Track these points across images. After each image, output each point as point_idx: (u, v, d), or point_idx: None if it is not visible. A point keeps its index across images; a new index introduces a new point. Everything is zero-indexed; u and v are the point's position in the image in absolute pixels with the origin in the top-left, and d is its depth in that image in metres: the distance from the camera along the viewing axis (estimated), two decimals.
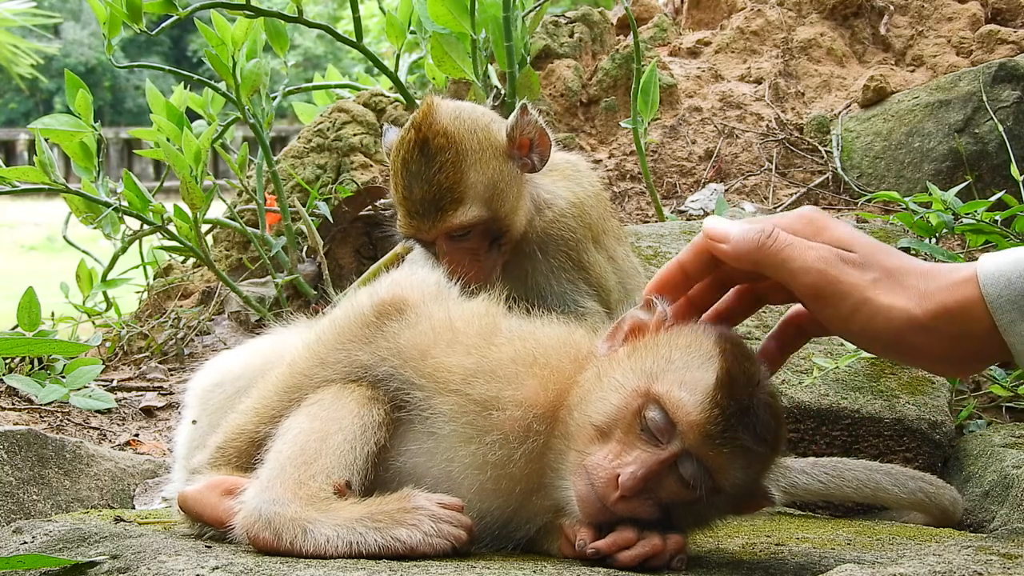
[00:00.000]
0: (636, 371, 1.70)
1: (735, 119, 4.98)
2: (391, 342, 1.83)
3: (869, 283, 1.64)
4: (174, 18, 3.79)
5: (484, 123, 2.24)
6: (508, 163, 2.23)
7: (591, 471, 1.66)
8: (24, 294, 3.54)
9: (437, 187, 2.17)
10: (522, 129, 2.22)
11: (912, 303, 1.62)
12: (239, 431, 1.90)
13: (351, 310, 1.91)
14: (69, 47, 29.03)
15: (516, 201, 2.24)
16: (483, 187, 2.19)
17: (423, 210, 2.19)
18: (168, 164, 3.65)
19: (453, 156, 2.17)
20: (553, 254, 2.29)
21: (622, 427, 1.67)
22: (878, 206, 4.28)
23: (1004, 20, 5.22)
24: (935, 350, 1.64)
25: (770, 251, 1.68)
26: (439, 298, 1.89)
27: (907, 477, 2.45)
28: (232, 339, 4.10)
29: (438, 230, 2.21)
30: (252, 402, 1.92)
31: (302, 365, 1.89)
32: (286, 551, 1.66)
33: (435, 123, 2.19)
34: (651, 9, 5.81)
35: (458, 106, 2.27)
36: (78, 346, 2.67)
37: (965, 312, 1.60)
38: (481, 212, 2.19)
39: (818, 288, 1.66)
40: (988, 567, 1.52)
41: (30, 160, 3.73)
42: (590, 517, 1.68)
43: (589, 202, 2.36)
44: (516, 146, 2.24)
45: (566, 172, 2.39)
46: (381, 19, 5.58)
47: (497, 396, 1.73)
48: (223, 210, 4.63)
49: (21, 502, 2.48)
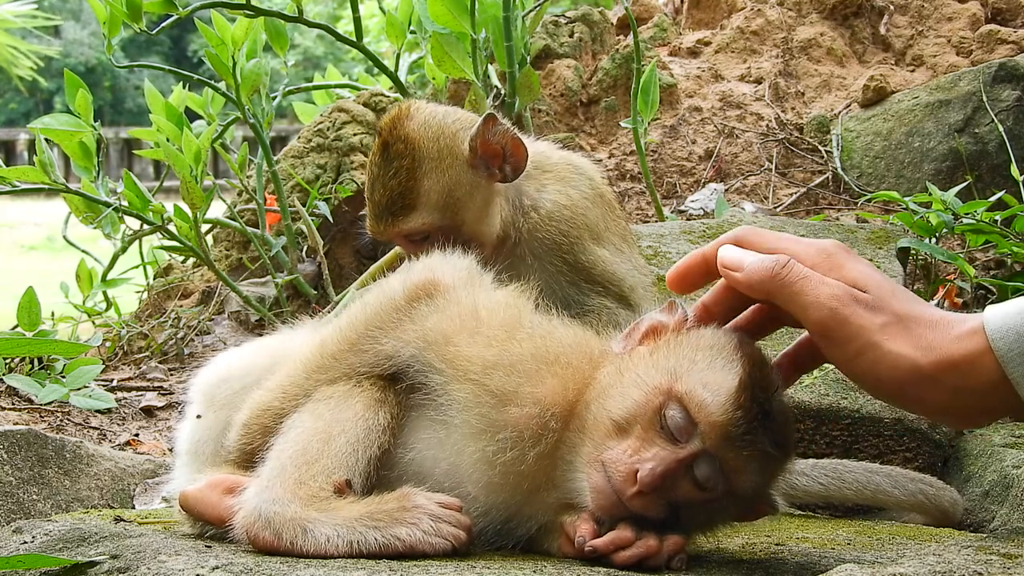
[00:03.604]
0: (658, 369, 1.70)
1: (735, 119, 4.98)
2: (418, 324, 1.83)
3: (878, 327, 1.64)
4: (174, 18, 3.79)
5: (452, 131, 2.25)
6: (470, 171, 2.23)
7: (609, 465, 1.66)
8: (24, 294, 3.53)
9: (391, 191, 2.21)
10: (485, 139, 2.22)
11: (918, 353, 1.62)
12: (265, 408, 1.90)
13: (382, 294, 1.91)
14: (69, 47, 29.03)
15: (481, 211, 2.24)
16: (437, 195, 2.21)
17: (379, 212, 2.24)
18: (168, 164, 3.65)
19: (409, 163, 2.21)
20: (548, 258, 2.28)
21: (642, 423, 1.67)
22: (878, 206, 4.28)
23: (1004, 20, 5.22)
24: (938, 401, 1.64)
25: (784, 282, 1.68)
26: (470, 284, 1.89)
27: (907, 479, 2.45)
28: (232, 339, 4.10)
29: (390, 233, 2.25)
30: (279, 380, 1.92)
31: (332, 347, 1.89)
32: (286, 551, 1.66)
33: (398, 128, 2.23)
34: (651, 9, 5.81)
35: (433, 113, 2.28)
36: (78, 346, 2.67)
37: (969, 364, 1.60)
38: (433, 219, 2.22)
39: (827, 327, 1.66)
40: (988, 567, 1.52)
41: (30, 160, 3.73)
42: (602, 510, 1.68)
43: (584, 204, 2.33)
44: (479, 156, 2.23)
45: (562, 174, 2.37)
46: (381, 19, 5.58)
47: (515, 391, 1.73)
48: (223, 210, 4.63)
49: (21, 502, 2.48)
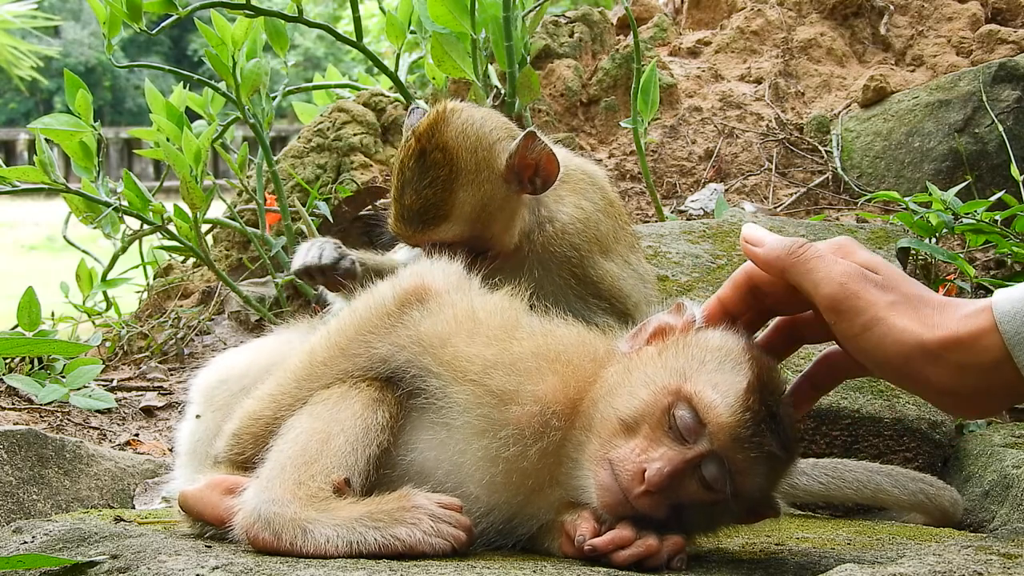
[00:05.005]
0: (667, 369, 1.71)
1: (735, 119, 4.98)
2: (411, 330, 1.83)
3: (886, 303, 1.67)
4: (174, 17, 3.79)
5: (489, 142, 2.20)
6: (503, 185, 2.20)
7: (616, 463, 1.67)
8: (24, 294, 3.54)
9: (425, 200, 2.16)
10: (523, 156, 2.18)
11: (924, 329, 1.64)
12: (256, 417, 1.90)
13: (373, 301, 1.90)
14: (69, 47, 29.02)
15: (507, 222, 2.22)
16: (471, 207, 2.17)
17: (409, 217, 2.19)
18: (168, 164, 3.65)
19: (446, 173, 2.15)
20: (557, 271, 2.26)
21: (650, 423, 1.67)
22: (878, 206, 4.28)
23: (1004, 20, 5.22)
24: (941, 380, 1.65)
25: (799, 259, 1.73)
26: (462, 288, 1.89)
27: (907, 478, 2.45)
28: (232, 339, 4.10)
29: (417, 239, 2.22)
30: (269, 388, 1.92)
31: (322, 354, 1.89)
32: (286, 551, 1.66)
33: (437, 136, 2.17)
34: (651, 9, 5.81)
35: (470, 119, 2.22)
36: (78, 346, 2.67)
37: (974, 341, 1.62)
38: (464, 231, 2.18)
39: (837, 300, 1.69)
40: (988, 567, 1.52)
41: (30, 160, 3.73)
42: (608, 508, 1.68)
43: (597, 216, 2.32)
44: (515, 171, 2.20)
45: (578, 186, 2.35)
46: (381, 19, 5.58)
47: (516, 390, 1.74)
48: (223, 210, 4.63)
49: (21, 502, 2.48)
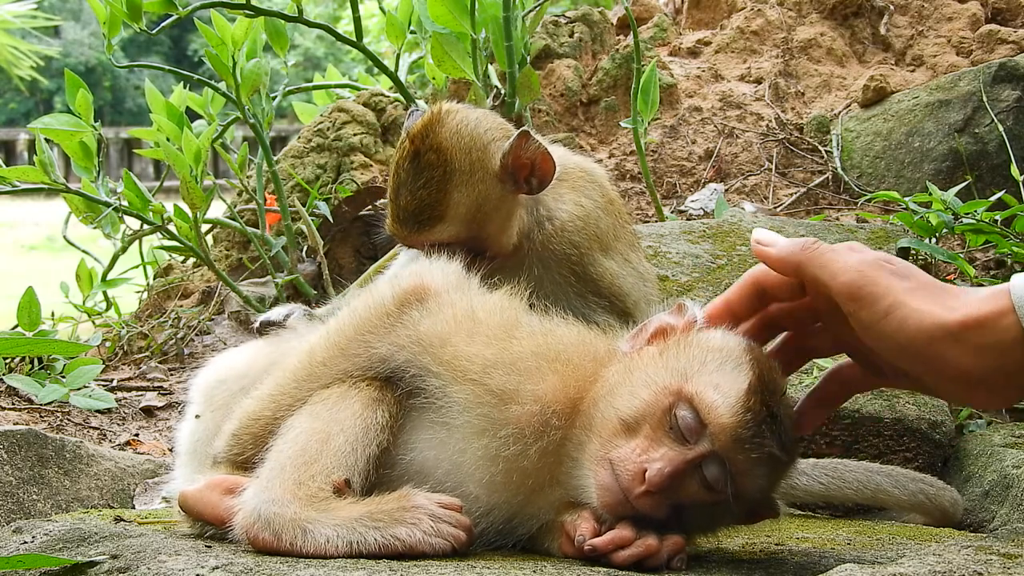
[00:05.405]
0: (668, 369, 1.71)
1: (735, 119, 4.98)
2: (411, 329, 1.83)
3: (905, 289, 1.67)
4: (174, 17, 3.79)
5: (484, 143, 2.20)
6: (499, 186, 2.19)
7: (617, 463, 1.67)
8: (24, 294, 3.54)
9: (420, 201, 2.16)
10: (517, 156, 2.18)
11: (944, 311, 1.65)
12: (255, 417, 1.89)
13: (372, 300, 1.90)
14: (69, 47, 29.02)
15: (504, 222, 2.21)
16: (466, 208, 2.17)
17: (404, 218, 2.19)
18: (168, 164, 3.65)
19: (440, 174, 2.16)
20: (557, 269, 2.26)
21: (650, 423, 1.67)
22: (878, 206, 4.28)
23: (1004, 20, 5.22)
24: (961, 362, 1.64)
25: (813, 253, 1.74)
26: (461, 287, 1.89)
27: (907, 479, 2.45)
28: (232, 339, 4.10)
29: (413, 240, 2.22)
30: (268, 389, 1.92)
31: (321, 354, 1.89)
32: (286, 551, 1.66)
33: (431, 137, 2.18)
34: (651, 9, 5.81)
35: (464, 120, 2.22)
36: (78, 346, 2.67)
37: (994, 321, 1.62)
38: (460, 231, 2.18)
39: (857, 287, 1.69)
40: (988, 567, 1.52)
41: (30, 160, 3.73)
42: (608, 508, 1.68)
43: (597, 213, 2.32)
44: (510, 171, 2.20)
45: (577, 183, 2.34)
46: (381, 19, 5.58)
47: (516, 389, 1.74)
48: (223, 210, 4.63)
49: (21, 502, 2.48)
